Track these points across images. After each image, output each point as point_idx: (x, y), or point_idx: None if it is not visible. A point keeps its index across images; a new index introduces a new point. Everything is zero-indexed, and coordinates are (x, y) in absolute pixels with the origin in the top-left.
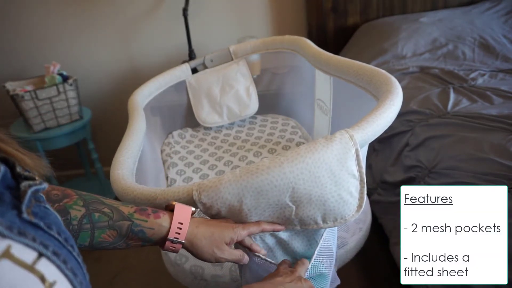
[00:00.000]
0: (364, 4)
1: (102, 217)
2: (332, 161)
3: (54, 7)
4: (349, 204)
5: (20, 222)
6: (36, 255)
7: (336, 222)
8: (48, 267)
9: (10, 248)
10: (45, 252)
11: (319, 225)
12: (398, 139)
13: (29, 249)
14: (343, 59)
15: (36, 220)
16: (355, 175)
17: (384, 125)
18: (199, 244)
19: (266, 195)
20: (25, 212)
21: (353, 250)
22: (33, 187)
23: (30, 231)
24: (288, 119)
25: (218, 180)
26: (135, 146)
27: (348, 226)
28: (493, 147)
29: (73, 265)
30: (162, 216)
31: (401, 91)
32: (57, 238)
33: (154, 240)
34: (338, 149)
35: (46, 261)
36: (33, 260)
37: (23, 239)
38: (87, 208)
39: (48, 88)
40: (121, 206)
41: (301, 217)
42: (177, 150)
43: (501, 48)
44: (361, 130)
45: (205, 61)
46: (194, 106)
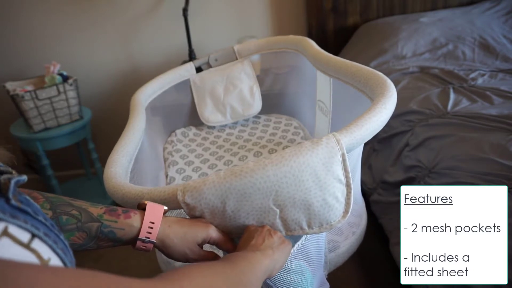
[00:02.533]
0: (364, 4)
1: (70, 219)
2: (317, 165)
3: (54, 7)
4: (334, 209)
5: (9, 207)
6: (30, 236)
7: (321, 227)
8: (42, 247)
9: (7, 228)
10: (38, 233)
11: (304, 231)
12: (398, 139)
13: (23, 230)
14: (341, 60)
15: (24, 206)
16: (341, 180)
17: (374, 129)
18: (171, 244)
19: (249, 198)
20: (13, 199)
21: (345, 254)
22: (14, 179)
23: (20, 215)
24: (291, 119)
25: (202, 181)
26: (132, 145)
27: (341, 229)
28: (493, 147)
29: (62, 246)
30: (133, 216)
31: (395, 94)
32: (44, 223)
33: (125, 240)
34: (324, 153)
35: (39, 241)
36: (28, 239)
37: (16, 221)
38: (54, 211)
39: (48, 88)
40: (90, 207)
41: (285, 221)
42: (179, 148)
43: (501, 48)
44: (349, 134)
45: (209, 60)
46: (198, 105)
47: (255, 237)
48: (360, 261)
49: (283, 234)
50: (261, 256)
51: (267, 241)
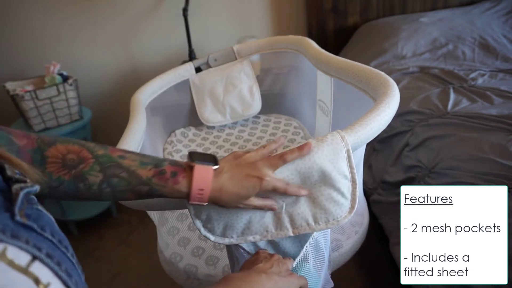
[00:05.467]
0: (364, 4)
1: (121, 181)
2: (323, 162)
3: (54, 7)
4: (340, 205)
5: (13, 224)
6: (30, 258)
7: (328, 223)
8: (42, 270)
9: (6, 250)
10: (39, 255)
11: (311, 227)
12: (398, 139)
13: (23, 251)
14: (343, 60)
15: (30, 223)
16: (346, 176)
17: (378, 128)
18: (223, 202)
19: None
20: (18, 214)
21: (348, 253)
22: (25, 189)
23: (23, 234)
24: (291, 119)
25: None
26: (133, 145)
27: (343, 228)
28: (493, 147)
29: (68, 266)
30: (181, 181)
31: (398, 93)
32: (50, 240)
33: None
34: (329, 150)
35: (39, 264)
36: (27, 262)
37: (17, 242)
38: (105, 174)
39: (48, 88)
40: (139, 168)
41: (292, 217)
42: (179, 148)
43: (501, 48)
44: (354, 133)
45: (209, 60)
46: (197, 105)
47: (264, 262)
48: (360, 261)
49: (289, 233)
50: (265, 279)
51: (275, 268)
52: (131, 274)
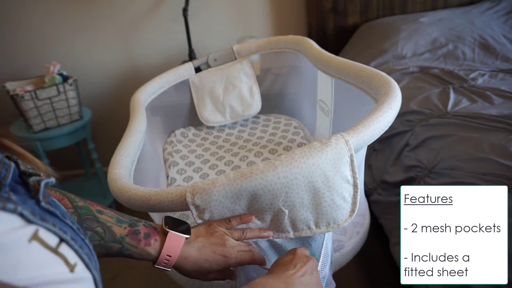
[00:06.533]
0: (364, 4)
1: (94, 236)
2: (326, 166)
3: (54, 7)
4: (341, 209)
5: (39, 209)
6: (58, 240)
7: (329, 227)
8: (69, 251)
9: (38, 231)
10: (65, 237)
11: (312, 230)
12: (398, 139)
13: (51, 234)
14: (343, 60)
15: (53, 209)
16: (348, 180)
17: (380, 129)
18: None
19: (259, 199)
20: (43, 201)
21: (349, 253)
22: (44, 180)
23: (49, 218)
24: (291, 119)
25: (211, 183)
26: (134, 145)
27: (345, 229)
28: (493, 147)
29: (87, 251)
30: (152, 244)
31: (400, 94)
32: (71, 226)
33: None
34: (333, 154)
35: (66, 246)
36: (56, 244)
37: (46, 224)
38: (80, 225)
39: (48, 88)
40: (114, 226)
41: (293, 221)
42: (179, 149)
43: (501, 48)
44: (357, 134)
45: (208, 60)
46: (197, 105)
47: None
48: (360, 261)
49: (290, 235)
50: None
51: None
52: (131, 274)
